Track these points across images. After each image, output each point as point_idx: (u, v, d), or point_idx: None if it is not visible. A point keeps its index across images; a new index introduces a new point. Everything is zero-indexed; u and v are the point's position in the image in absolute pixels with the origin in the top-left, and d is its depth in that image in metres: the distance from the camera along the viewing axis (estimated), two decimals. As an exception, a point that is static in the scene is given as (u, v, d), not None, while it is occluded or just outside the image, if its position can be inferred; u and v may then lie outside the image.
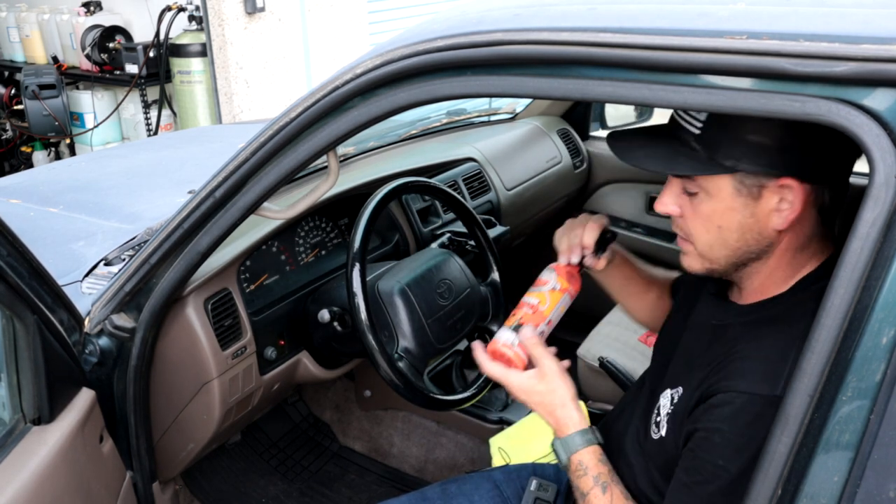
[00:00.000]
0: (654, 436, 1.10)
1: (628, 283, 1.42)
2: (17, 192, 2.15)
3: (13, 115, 4.87)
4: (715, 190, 0.98)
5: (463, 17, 0.99)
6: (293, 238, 1.87)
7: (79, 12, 4.71)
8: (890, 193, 0.73)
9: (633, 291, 1.43)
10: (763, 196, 0.96)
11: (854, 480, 0.76)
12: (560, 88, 0.91)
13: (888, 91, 0.73)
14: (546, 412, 1.14)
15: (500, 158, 2.49)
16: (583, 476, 1.09)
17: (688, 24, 0.82)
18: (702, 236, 1.03)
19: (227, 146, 1.55)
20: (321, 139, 1.12)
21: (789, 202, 0.96)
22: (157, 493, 1.56)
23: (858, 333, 0.74)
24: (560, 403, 1.13)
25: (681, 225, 1.06)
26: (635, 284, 1.42)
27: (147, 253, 1.33)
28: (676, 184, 1.04)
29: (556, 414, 1.13)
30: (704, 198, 1.00)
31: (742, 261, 1.03)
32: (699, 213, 1.01)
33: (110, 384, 1.42)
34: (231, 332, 1.55)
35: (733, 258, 1.03)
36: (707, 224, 1.01)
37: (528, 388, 1.14)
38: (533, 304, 1.23)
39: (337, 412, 2.43)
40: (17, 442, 1.17)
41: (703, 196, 1.00)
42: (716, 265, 1.05)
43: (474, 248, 1.91)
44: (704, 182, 0.98)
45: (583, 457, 1.10)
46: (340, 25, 4.79)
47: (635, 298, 1.44)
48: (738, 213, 0.98)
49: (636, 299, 1.45)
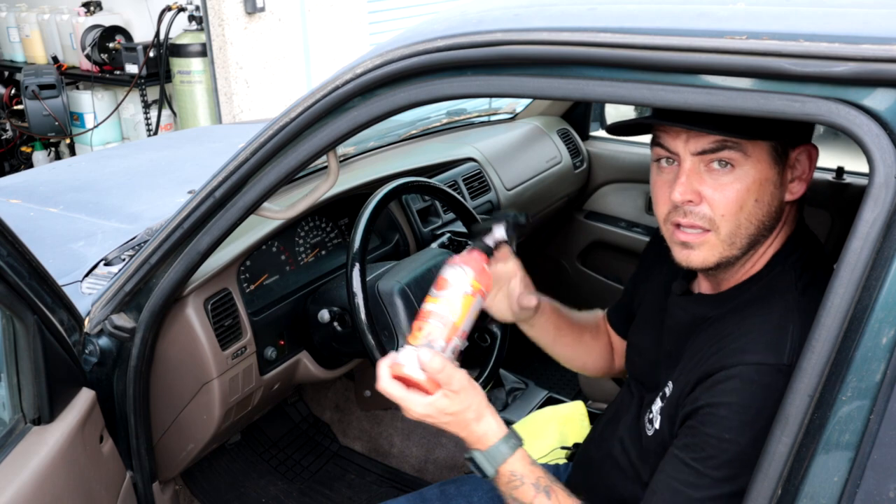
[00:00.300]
0: (648, 432, 1.09)
1: (560, 333, 1.36)
2: (17, 192, 2.15)
3: (13, 115, 4.87)
4: (757, 157, 0.94)
5: (463, 17, 0.99)
6: (293, 238, 1.87)
7: (79, 12, 4.71)
8: (890, 193, 0.73)
9: (567, 342, 1.38)
10: (787, 164, 0.97)
11: (854, 480, 0.76)
12: (560, 88, 0.90)
13: (888, 91, 0.73)
14: (460, 428, 1.02)
15: (500, 158, 2.49)
16: (520, 486, 1.01)
17: (688, 24, 0.82)
18: (732, 217, 0.96)
19: (227, 146, 1.55)
20: (321, 139, 1.12)
21: (803, 169, 0.97)
22: (157, 493, 1.56)
23: (858, 333, 0.74)
24: (475, 417, 1.02)
25: (701, 213, 0.97)
26: (567, 334, 1.37)
27: (147, 253, 1.33)
28: (694, 165, 0.97)
29: (472, 428, 1.02)
30: (740, 169, 0.94)
31: (758, 240, 0.99)
32: (731, 189, 0.95)
33: (110, 384, 1.42)
34: (231, 332, 1.55)
35: (754, 236, 0.98)
36: (743, 198, 0.95)
37: (438, 410, 1.00)
38: (442, 315, 1.02)
39: (337, 412, 2.43)
40: (17, 442, 1.17)
41: (739, 167, 0.94)
42: (735, 249, 0.99)
43: (474, 248, 1.91)
44: (749, 146, 0.93)
45: (513, 466, 1.02)
46: (340, 25, 4.79)
47: (569, 348, 1.39)
48: (772, 184, 0.96)
49: (570, 349, 1.39)
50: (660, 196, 1.03)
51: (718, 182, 0.96)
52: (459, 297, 1.03)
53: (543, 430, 1.62)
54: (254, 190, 1.21)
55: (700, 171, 0.97)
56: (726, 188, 0.95)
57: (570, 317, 1.39)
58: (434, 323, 1.01)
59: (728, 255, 0.99)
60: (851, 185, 2.10)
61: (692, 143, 0.96)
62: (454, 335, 1.02)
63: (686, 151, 0.97)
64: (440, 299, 1.03)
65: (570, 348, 1.39)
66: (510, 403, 2.12)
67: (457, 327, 1.02)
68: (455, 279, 1.04)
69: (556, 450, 1.55)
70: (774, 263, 1.02)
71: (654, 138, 1.03)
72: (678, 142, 0.97)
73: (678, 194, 0.97)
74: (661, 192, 1.03)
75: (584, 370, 1.45)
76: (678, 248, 1.02)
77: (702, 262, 1.00)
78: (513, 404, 2.12)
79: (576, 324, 1.39)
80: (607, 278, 2.83)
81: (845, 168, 2.14)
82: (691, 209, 0.98)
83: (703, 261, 1.00)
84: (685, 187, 0.96)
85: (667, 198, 1.00)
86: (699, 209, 0.97)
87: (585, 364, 1.43)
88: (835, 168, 2.15)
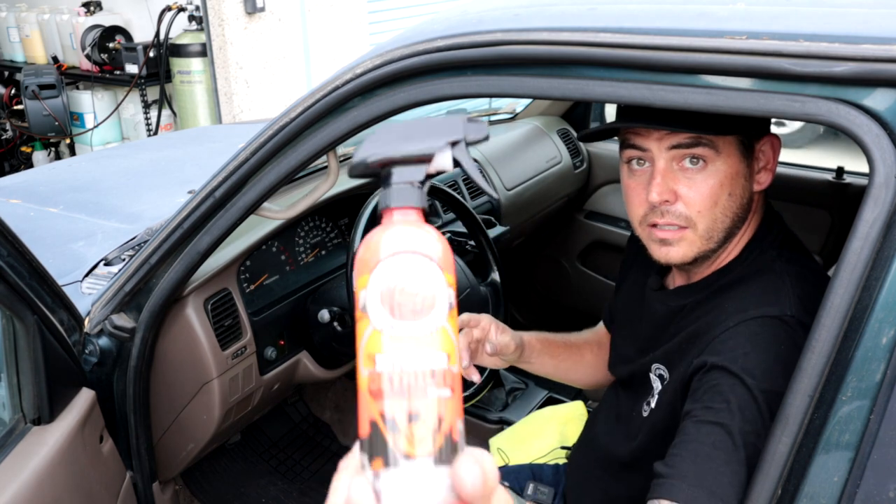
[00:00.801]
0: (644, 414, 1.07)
1: (559, 363, 1.36)
2: (17, 192, 2.15)
3: (13, 115, 4.87)
4: (727, 152, 0.96)
5: (463, 17, 0.99)
6: (293, 238, 1.87)
7: (79, 12, 4.71)
8: (890, 193, 0.73)
9: (568, 367, 1.38)
10: (754, 157, 1.00)
11: (854, 480, 0.75)
12: (560, 88, 0.90)
13: (888, 91, 0.73)
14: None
15: (500, 158, 2.49)
16: None
17: (687, 24, 0.82)
18: (708, 212, 0.98)
19: (227, 146, 1.55)
20: (321, 139, 1.12)
21: (767, 159, 0.99)
22: (157, 493, 1.56)
23: (858, 333, 0.74)
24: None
25: (677, 211, 0.99)
26: (565, 360, 1.37)
27: (147, 253, 1.33)
28: (667, 164, 0.98)
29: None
30: (712, 165, 0.97)
31: (732, 232, 1.02)
32: (705, 185, 0.97)
33: (110, 384, 1.42)
34: (231, 332, 1.55)
35: (729, 229, 1.01)
36: (717, 194, 0.97)
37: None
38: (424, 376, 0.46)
39: (337, 412, 2.43)
40: (17, 442, 1.17)
41: (711, 164, 0.97)
42: (712, 243, 1.01)
43: (474, 248, 1.91)
44: (720, 142, 0.96)
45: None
46: (340, 25, 4.79)
47: (574, 371, 1.39)
48: (742, 177, 0.99)
49: (575, 371, 1.39)
50: (634, 198, 1.04)
51: (692, 180, 0.98)
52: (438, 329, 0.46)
53: (543, 430, 1.63)
54: (254, 190, 1.20)
55: (673, 170, 0.98)
56: (700, 185, 0.97)
57: (566, 340, 1.39)
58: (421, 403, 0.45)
59: (706, 249, 1.01)
60: (851, 185, 2.10)
61: (666, 139, 0.97)
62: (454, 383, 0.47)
63: (660, 148, 0.98)
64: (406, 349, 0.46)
65: (573, 372, 1.39)
66: (510, 403, 2.12)
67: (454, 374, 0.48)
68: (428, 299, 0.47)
69: (556, 450, 1.55)
70: (751, 248, 1.04)
71: (623, 140, 1.03)
72: (650, 140, 0.99)
73: (655, 195, 0.98)
74: (634, 194, 1.04)
75: (595, 386, 1.44)
76: (656, 246, 1.03)
77: (681, 258, 1.02)
78: (513, 404, 2.12)
79: (572, 345, 1.39)
80: (607, 278, 2.82)
81: (845, 168, 2.14)
82: (668, 209, 0.99)
83: (682, 256, 1.01)
84: (661, 187, 0.98)
85: (642, 199, 1.01)
86: (675, 208, 0.99)
87: (598, 380, 1.42)
88: (835, 168, 2.15)
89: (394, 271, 0.45)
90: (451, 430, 0.44)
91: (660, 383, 1.06)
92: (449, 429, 0.44)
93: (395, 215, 0.48)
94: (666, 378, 1.05)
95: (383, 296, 0.45)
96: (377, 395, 0.44)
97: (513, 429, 1.73)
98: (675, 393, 1.01)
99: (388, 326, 0.45)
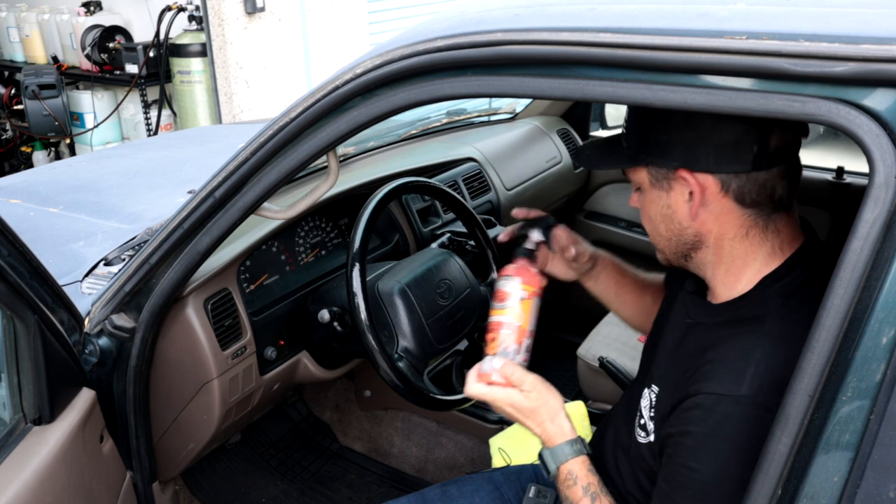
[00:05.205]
0: (641, 440, 1.10)
1: (621, 291, 1.41)
2: (17, 192, 2.15)
3: (13, 115, 4.87)
4: (639, 182, 1.06)
5: (463, 17, 0.99)
6: (293, 238, 1.87)
7: (79, 12, 4.71)
8: (890, 193, 0.73)
9: (628, 299, 1.42)
10: (673, 188, 1.01)
11: (854, 480, 0.76)
12: (560, 88, 0.91)
13: (888, 91, 0.73)
14: (535, 424, 1.11)
15: (500, 158, 2.49)
16: (572, 486, 1.08)
17: (687, 25, 0.82)
18: (647, 227, 1.10)
19: (227, 146, 1.56)
20: (321, 139, 1.12)
21: (692, 193, 0.99)
22: (157, 493, 1.56)
23: (858, 333, 0.74)
24: (549, 417, 1.10)
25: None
26: (629, 291, 1.41)
27: (147, 253, 1.33)
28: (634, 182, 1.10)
29: (546, 426, 1.11)
30: (644, 195, 1.07)
31: (682, 251, 1.06)
32: (642, 207, 1.09)
33: (110, 384, 1.42)
34: (231, 332, 1.55)
35: (673, 248, 1.07)
36: (644, 216, 1.09)
37: (517, 403, 1.10)
38: (509, 323, 1.15)
39: (337, 412, 2.43)
40: (17, 442, 1.17)
41: (644, 193, 1.07)
42: (666, 254, 1.10)
43: (474, 248, 1.91)
44: (632, 175, 1.07)
45: (572, 467, 1.08)
46: (340, 25, 4.79)
47: (631, 305, 1.43)
48: (658, 205, 1.04)
49: (632, 306, 1.43)
50: None
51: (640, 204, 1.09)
52: (518, 303, 1.15)
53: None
54: (254, 190, 1.21)
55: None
56: (642, 209, 1.09)
57: (635, 274, 1.44)
58: (504, 332, 1.15)
59: (667, 258, 1.10)
60: (851, 185, 2.10)
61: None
62: (524, 337, 1.15)
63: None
64: (503, 310, 1.16)
65: (630, 307, 1.44)
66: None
67: (524, 330, 1.15)
68: (510, 289, 1.16)
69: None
70: (764, 285, 1.01)
71: None
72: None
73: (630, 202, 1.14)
74: None
75: (643, 330, 1.46)
76: None
77: (662, 261, 1.13)
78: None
79: (639, 281, 1.43)
80: (607, 278, 2.82)
81: (845, 168, 2.14)
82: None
83: (661, 260, 1.12)
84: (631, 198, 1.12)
85: None
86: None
87: (644, 324, 1.43)
88: (835, 168, 2.15)
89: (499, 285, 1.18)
90: (506, 347, 1.14)
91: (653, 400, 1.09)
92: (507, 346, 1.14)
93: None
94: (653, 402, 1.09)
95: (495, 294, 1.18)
96: (489, 329, 1.16)
97: (513, 429, 1.73)
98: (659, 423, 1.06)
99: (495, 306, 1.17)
